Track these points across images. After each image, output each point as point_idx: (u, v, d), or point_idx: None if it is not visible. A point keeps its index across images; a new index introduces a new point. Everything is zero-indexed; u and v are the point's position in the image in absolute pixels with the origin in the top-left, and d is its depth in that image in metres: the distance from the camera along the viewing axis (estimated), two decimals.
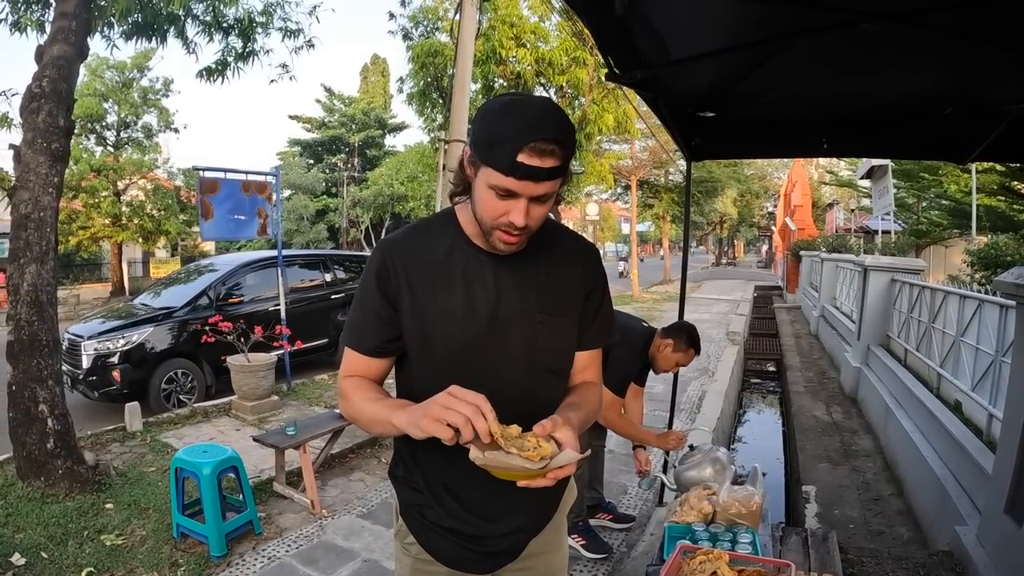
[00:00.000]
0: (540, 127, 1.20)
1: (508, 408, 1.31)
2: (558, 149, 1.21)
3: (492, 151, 1.22)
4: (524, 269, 1.43)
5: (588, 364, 1.57)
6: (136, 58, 20.88)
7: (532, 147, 1.19)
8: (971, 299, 5.01)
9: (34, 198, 4.33)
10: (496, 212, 1.28)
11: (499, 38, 11.22)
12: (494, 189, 1.25)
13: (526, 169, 1.20)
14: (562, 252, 1.50)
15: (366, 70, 42.20)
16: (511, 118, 1.22)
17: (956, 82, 2.72)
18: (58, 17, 4.49)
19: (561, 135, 1.22)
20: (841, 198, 31.80)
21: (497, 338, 1.40)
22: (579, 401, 1.47)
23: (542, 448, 1.16)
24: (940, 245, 15.67)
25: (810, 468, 5.48)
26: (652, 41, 2.37)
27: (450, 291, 1.39)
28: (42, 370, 4.37)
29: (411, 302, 1.39)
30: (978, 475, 3.68)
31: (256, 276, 8.71)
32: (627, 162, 24.32)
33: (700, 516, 2.68)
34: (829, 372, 9.46)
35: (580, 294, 1.51)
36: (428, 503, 1.51)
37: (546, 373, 1.47)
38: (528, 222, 1.28)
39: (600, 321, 1.57)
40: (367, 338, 1.44)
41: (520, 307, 1.42)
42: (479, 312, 1.39)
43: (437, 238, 1.44)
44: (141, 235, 22.26)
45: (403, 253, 1.42)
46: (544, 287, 1.45)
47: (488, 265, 1.41)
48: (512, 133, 1.20)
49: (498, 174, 1.22)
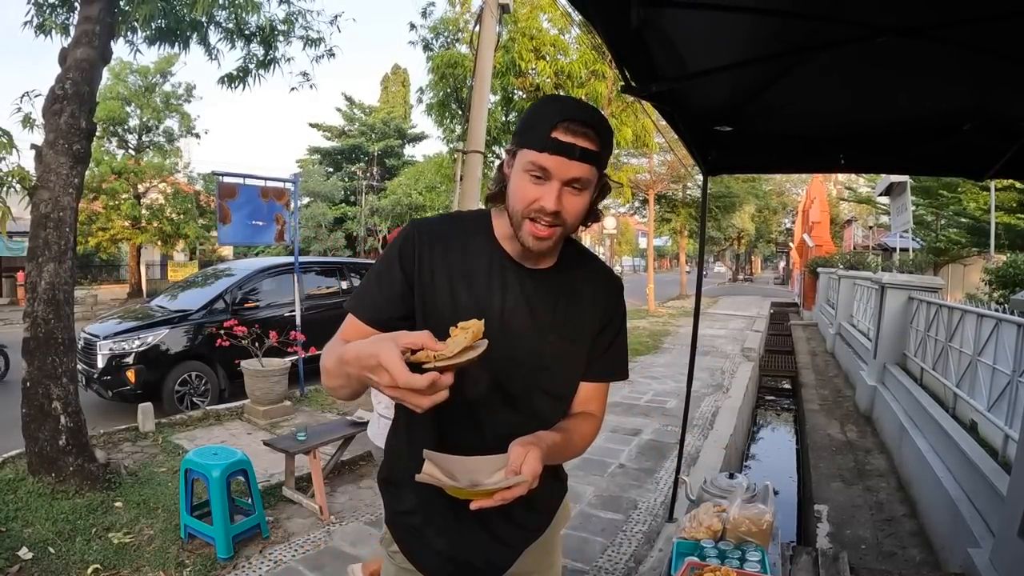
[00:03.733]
0: (576, 110, 1.26)
1: (499, 421, 1.31)
2: (592, 132, 1.24)
3: (529, 132, 1.27)
4: (546, 285, 1.41)
5: (592, 396, 1.53)
6: (159, 63, 21.20)
7: (566, 125, 1.23)
8: (988, 318, 4.95)
9: (54, 198, 4.38)
10: (529, 196, 1.27)
11: (519, 50, 11.25)
12: (528, 171, 1.26)
13: (559, 145, 1.23)
14: (586, 278, 1.48)
15: (386, 80, 42.46)
16: (550, 103, 1.30)
17: (974, 98, 2.69)
18: (82, 21, 4.56)
19: (596, 122, 1.26)
20: (859, 215, 31.58)
21: (503, 347, 1.33)
22: (569, 427, 1.44)
23: (467, 333, 1.14)
24: (958, 263, 15.53)
25: (823, 487, 5.42)
26: (668, 54, 2.36)
27: (467, 287, 1.37)
28: (57, 368, 4.41)
29: (426, 288, 1.36)
30: (993, 497, 3.62)
31: (272, 282, 8.77)
32: (645, 176, 24.30)
33: (710, 533, 2.66)
34: (844, 390, 9.37)
35: (596, 323, 1.48)
36: (413, 510, 1.47)
37: (545, 395, 1.44)
38: (559, 209, 1.26)
39: (612, 355, 1.53)
40: (376, 307, 1.37)
41: (532, 323, 1.39)
42: (490, 316, 1.31)
43: (469, 232, 1.42)
44: (160, 238, 22.54)
45: (433, 235, 1.39)
46: (561, 308, 1.42)
47: (511, 272, 1.39)
48: (549, 113, 1.25)
49: (533, 152, 1.25)
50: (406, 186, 30.32)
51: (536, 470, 1.18)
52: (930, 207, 17.45)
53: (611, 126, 1.33)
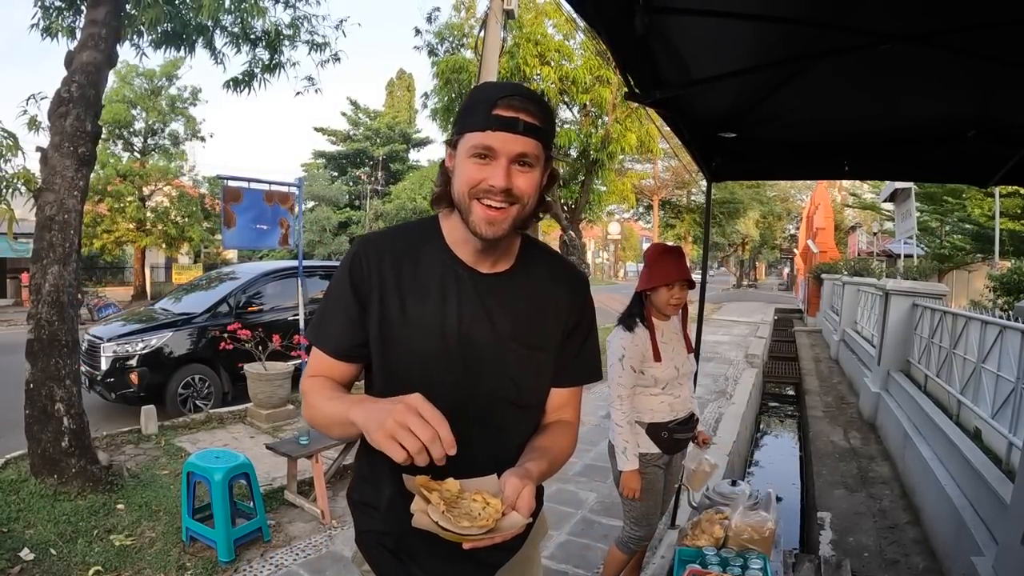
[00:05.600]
0: (514, 88, 1.24)
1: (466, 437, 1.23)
2: (533, 107, 1.22)
3: (469, 116, 1.24)
4: (505, 290, 1.35)
5: (566, 402, 1.47)
6: (165, 67, 21.29)
7: (507, 101, 1.20)
8: (992, 325, 4.93)
9: (59, 200, 4.40)
10: (475, 178, 1.23)
11: (523, 56, 11.28)
12: (473, 153, 1.22)
13: (502, 120, 1.20)
14: (548, 278, 1.42)
15: (392, 84, 42.56)
16: (488, 86, 1.28)
17: (978, 105, 2.69)
18: (88, 24, 4.58)
19: (535, 98, 1.24)
20: (864, 221, 31.58)
21: (462, 360, 1.31)
22: (548, 445, 1.37)
23: (489, 510, 1.11)
24: (963, 270, 15.49)
25: (826, 494, 5.40)
26: (672, 60, 2.37)
27: (422, 301, 1.32)
28: (60, 369, 4.42)
29: (380, 307, 1.32)
30: (996, 505, 3.61)
31: (276, 285, 8.77)
32: (649, 182, 24.34)
33: (712, 540, 2.66)
34: (848, 397, 9.34)
35: (562, 327, 1.42)
36: (385, 531, 1.41)
37: (511, 405, 1.37)
38: (509, 186, 1.22)
39: (584, 358, 1.48)
40: (335, 339, 1.35)
41: (493, 332, 1.33)
42: (447, 328, 1.31)
43: (418, 242, 1.37)
44: (165, 241, 22.61)
45: (381, 251, 1.34)
46: (523, 314, 1.36)
47: (466, 280, 1.33)
48: (487, 95, 1.23)
49: (476, 133, 1.22)
50: (410, 191, 30.40)
51: (532, 507, 1.14)
52: (935, 213, 17.40)
53: (551, 107, 1.34)
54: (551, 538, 4.17)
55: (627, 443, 2.83)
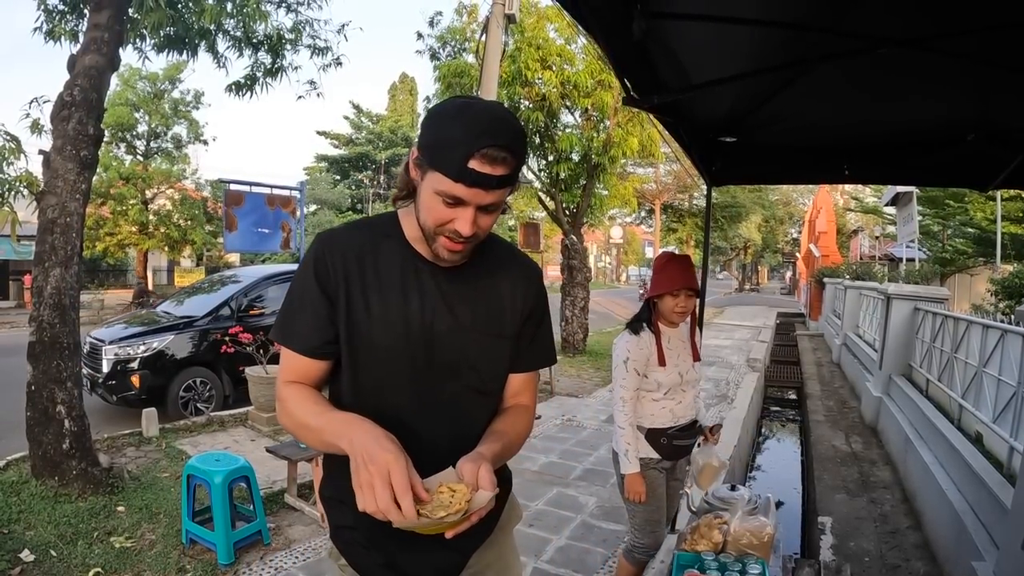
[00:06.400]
0: (493, 133, 1.17)
1: (432, 426, 1.29)
2: (510, 157, 1.19)
3: (441, 155, 1.18)
4: (462, 282, 1.39)
5: (523, 387, 1.52)
6: (168, 70, 21.32)
7: (483, 153, 1.15)
8: (994, 329, 4.93)
9: (61, 203, 4.41)
10: (441, 219, 1.23)
11: (525, 60, 11.27)
12: (441, 195, 1.21)
13: (476, 176, 1.17)
14: (503, 269, 1.46)
15: (394, 88, 42.68)
16: (463, 122, 1.18)
17: (978, 108, 2.69)
18: (91, 28, 4.60)
19: (514, 143, 1.19)
20: (866, 225, 31.55)
21: (427, 351, 1.35)
22: (505, 428, 1.42)
23: (458, 495, 1.15)
24: (965, 273, 15.47)
25: (827, 499, 5.39)
26: (671, 65, 2.37)
27: (384, 296, 1.34)
28: (62, 371, 4.43)
29: (344, 302, 1.33)
30: (997, 509, 3.60)
31: (278, 289, 8.74)
32: (651, 186, 24.34)
33: (711, 545, 2.65)
34: (850, 401, 9.32)
35: (518, 314, 1.46)
36: (354, 525, 1.41)
37: (474, 392, 1.42)
38: (475, 231, 1.24)
39: (539, 343, 1.53)
40: (305, 337, 1.35)
41: (454, 321, 1.37)
42: (411, 322, 1.34)
43: (378, 239, 1.38)
44: (167, 244, 22.63)
45: (342, 248, 1.35)
46: (482, 303, 1.41)
47: (426, 274, 1.36)
48: (463, 138, 1.16)
49: (447, 180, 1.18)
50: None
51: (494, 480, 1.17)
52: (936, 217, 17.38)
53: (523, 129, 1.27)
54: (550, 542, 4.17)
55: (629, 446, 2.89)
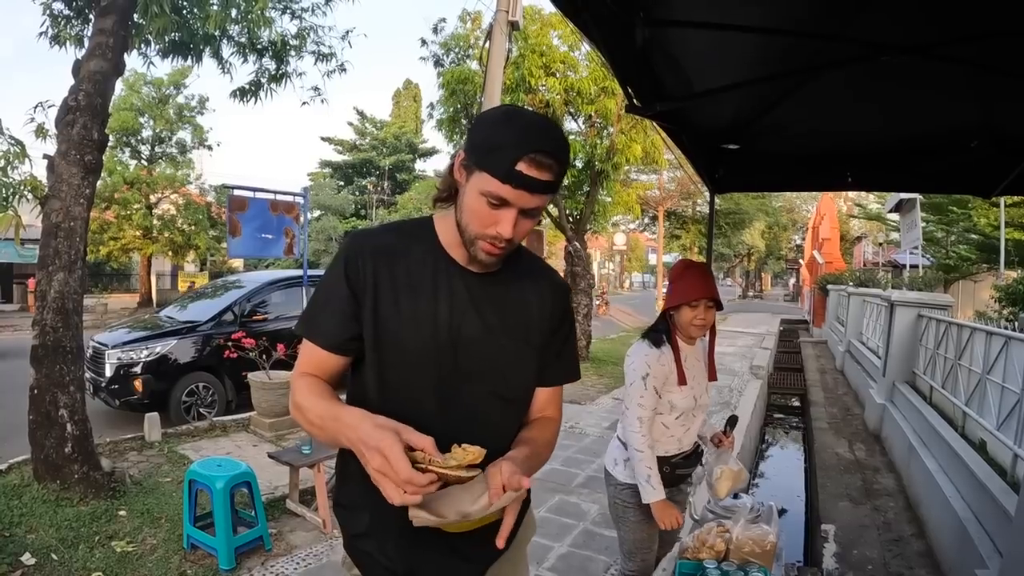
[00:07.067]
0: (542, 139, 1.21)
1: (456, 430, 1.28)
2: (555, 164, 1.22)
3: (490, 156, 1.21)
4: (492, 288, 1.40)
5: (549, 401, 1.53)
6: (172, 75, 21.42)
7: (532, 158, 1.19)
8: (998, 336, 4.91)
9: (65, 208, 4.42)
10: (484, 221, 1.26)
11: (529, 67, 11.28)
12: (486, 196, 1.23)
13: (523, 179, 1.20)
14: (533, 282, 1.48)
15: (398, 95, 42.75)
16: (514, 126, 1.22)
17: (981, 115, 2.69)
18: (96, 33, 4.62)
19: (560, 151, 1.23)
20: (870, 231, 31.51)
21: (454, 354, 1.35)
22: (533, 436, 1.43)
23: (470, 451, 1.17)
24: (969, 280, 15.41)
25: (830, 506, 5.37)
26: (673, 73, 2.37)
27: (415, 298, 1.35)
28: (64, 375, 4.44)
29: (373, 301, 1.34)
30: (1001, 517, 3.58)
31: (281, 295, 8.78)
32: (655, 192, 24.32)
33: (713, 554, 2.63)
34: (853, 408, 9.30)
35: (546, 327, 1.47)
36: (367, 532, 1.43)
37: (498, 399, 1.42)
38: (515, 234, 1.26)
39: (565, 359, 1.54)
40: (330, 331, 1.36)
41: (483, 327, 1.38)
42: (439, 324, 1.34)
43: (411, 241, 1.40)
44: (171, 248, 22.70)
45: (374, 248, 1.37)
46: (510, 310, 1.42)
47: (458, 278, 1.37)
48: (514, 141, 1.20)
49: (494, 180, 1.21)
50: (417, 201, 30.46)
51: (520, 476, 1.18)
52: (940, 224, 17.34)
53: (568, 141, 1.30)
54: (552, 550, 4.15)
55: (651, 470, 2.63)
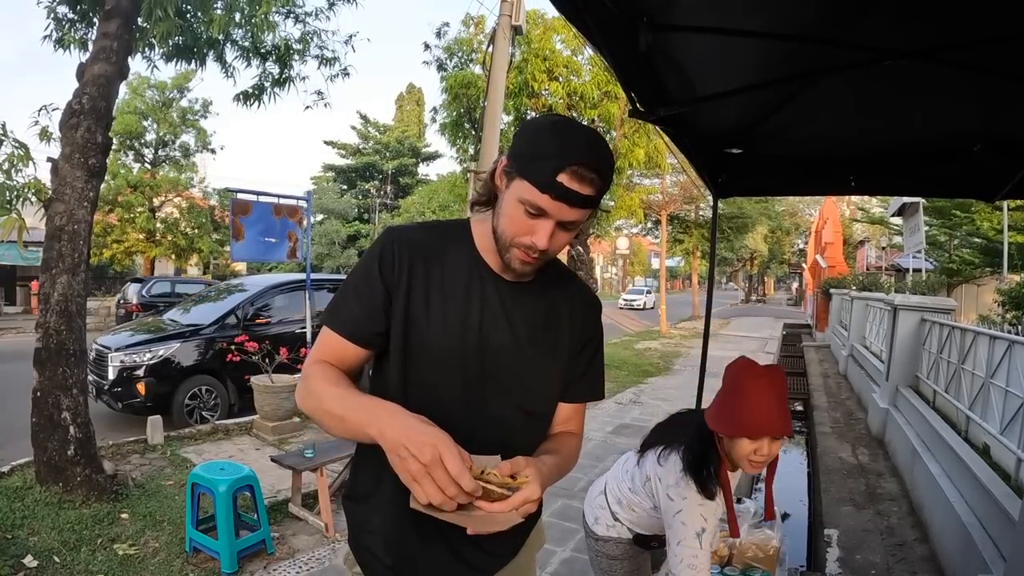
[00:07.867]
0: (587, 152, 1.19)
1: (476, 437, 1.24)
2: (597, 179, 1.20)
3: (533, 165, 1.20)
4: (526, 300, 1.38)
5: (571, 416, 1.52)
6: (176, 79, 21.51)
7: (574, 170, 1.17)
8: (1001, 340, 4.90)
9: (69, 211, 4.44)
10: (520, 230, 1.24)
11: (532, 71, 11.32)
12: (524, 204, 1.21)
13: (563, 190, 1.18)
14: (566, 296, 1.46)
15: (401, 99, 42.82)
16: (560, 136, 1.20)
17: (984, 119, 2.68)
18: (100, 37, 4.64)
19: (604, 166, 1.22)
20: (873, 235, 31.46)
21: (481, 360, 1.34)
22: (556, 448, 1.41)
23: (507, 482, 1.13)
24: (972, 284, 15.40)
25: (833, 511, 5.35)
26: (676, 78, 2.37)
27: (447, 299, 1.33)
28: (67, 378, 4.45)
29: (405, 297, 1.32)
30: (1005, 522, 3.57)
31: (284, 298, 8.79)
32: (657, 196, 24.31)
33: (716, 558, 2.63)
34: (856, 413, 9.27)
35: (575, 342, 1.46)
36: (376, 531, 1.41)
37: (520, 411, 1.39)
38: (550, 246, 1.25)
39: (591, 376, 1.52)
40: (356, 322, 1.33)
41: (511, 335, 1.36)
42: (469, 329, 1.33)
43: (448, 242, 1.38)
44: (174, 251, 22.75)
45: (410, 245, 1.35)
46: (540, 322, 1.40)
47: (490, 284, 1.36)
48: (558, 151, 1.18)
49: (534, 189, 1.19)
50: (420, 204, 30.51)
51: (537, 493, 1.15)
52: (943, 227, 17.33)
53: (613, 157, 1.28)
54: (556, 554, 4.15)
55: None
